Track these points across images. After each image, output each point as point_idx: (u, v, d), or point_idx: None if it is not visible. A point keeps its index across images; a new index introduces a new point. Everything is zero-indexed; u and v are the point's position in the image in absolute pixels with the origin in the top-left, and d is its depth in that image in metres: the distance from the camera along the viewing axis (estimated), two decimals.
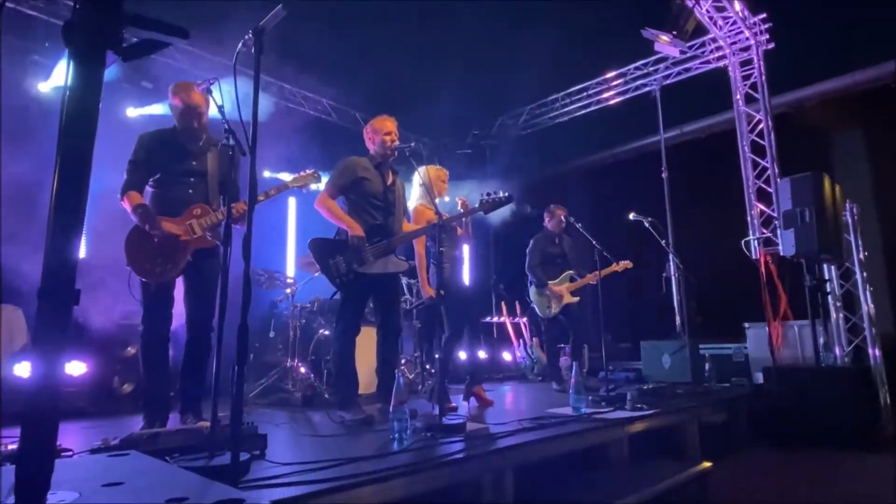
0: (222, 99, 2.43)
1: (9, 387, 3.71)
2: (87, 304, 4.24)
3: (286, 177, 3.46)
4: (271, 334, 5.31)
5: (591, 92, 7.92)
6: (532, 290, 5.35)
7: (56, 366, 0.95)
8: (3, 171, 4.02)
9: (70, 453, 2.11)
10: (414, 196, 3.96)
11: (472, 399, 3.98)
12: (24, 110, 4.82)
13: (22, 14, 4.93)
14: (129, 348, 4.39)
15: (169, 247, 2.85)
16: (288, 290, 5.12)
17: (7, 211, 4.28)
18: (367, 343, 3.76)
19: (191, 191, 2.98)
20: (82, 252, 4.57)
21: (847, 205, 5.13)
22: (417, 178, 3.75)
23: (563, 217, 5.27)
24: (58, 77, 5.04)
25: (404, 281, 4.65)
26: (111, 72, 5.08)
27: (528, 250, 5.40)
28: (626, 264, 5.31)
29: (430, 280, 3.93)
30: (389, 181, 3.45)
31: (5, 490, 1.03)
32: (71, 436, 2.90)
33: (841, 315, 5.26)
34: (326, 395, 4.30)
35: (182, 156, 3.00)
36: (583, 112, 8.11)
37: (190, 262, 2.89)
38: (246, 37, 1.92)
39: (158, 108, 5.54)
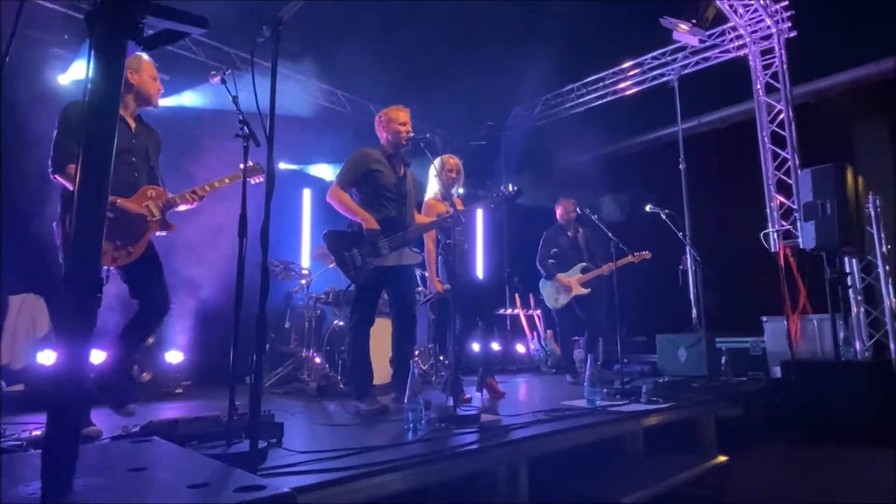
0: (236, 90, 2.43)
1: (33, 374, 3.80)
2: (105, 291, 4.29)
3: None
4: (287, 325, 5.36)
5: (607, 82, 7.83)
6: (542, 282, 5.34)
7: (81, 353, 0.97)
8: (20, 162, 4.09)
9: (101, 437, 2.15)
10: (430, 189, 3.95)
11: (485, 390, 3.99)
12: (43, 102, 4.89)
13: (41, 6, 4.98)
14: (147, 337, 4.46)
15: (129, 228, 2.65)
16: (303, 281, 5.16)
17: (24, 202, 4.35)
18: (381, 334, 3.78)
19: (136, 173, 2.79)
20: None
21: (870, 197, 5.03)
22: (433, 170, 3.74)
23: (572, 209, 5.22)
24: (77, 70, 5.10)
25: (417, 273, 4.66)
26: None
27: (539, 244, 5.38)
28: (644, 255, 5.24)
29: (438, 273, 3.93)
30: (401, 173, 3.44)
31: (33, 475, 1.06)
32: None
33: (862, 309, 5.18)
34: (341, 386, 4.33)
35: (123, 133, 2.75)
36: (599, 102, 8.02)
37: None
38: (264, 27, 1.92)
39: (169, 101, 5.58)
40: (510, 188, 3.44)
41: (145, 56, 2.84)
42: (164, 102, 5.61)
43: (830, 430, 3.91)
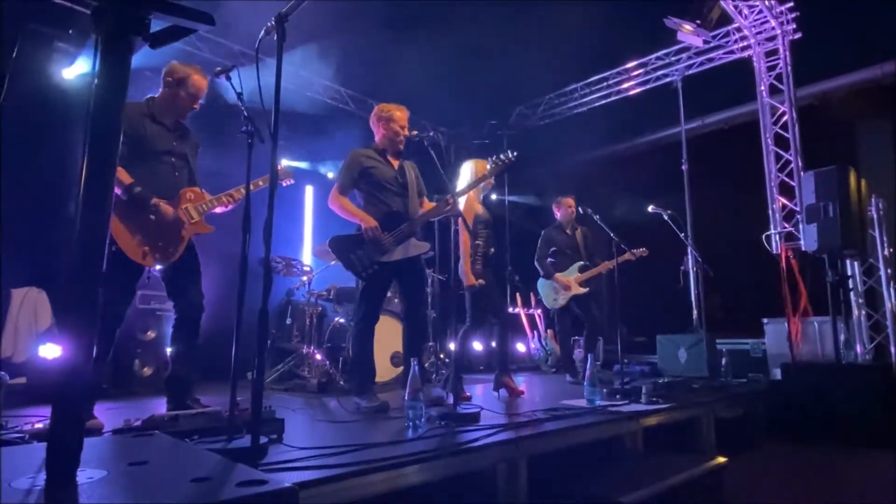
0: (241, 86, 2.43)
1: (35, 367, 3.82)
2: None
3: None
4: (288, 321, 5.37)
5: (611, 82, 7.82)
6: (540, 282, 5.33)
7: (87, 346, 0.97)
8: (24, 157, 4.11)
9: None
10: (462, 182, 3.99)
11: (503, 390, 3.98)
12: (48, 97, 4.90)
13: (46, 1, 4.98)
14: (149, 332, 4.48)
15: (168, 230, 2.74)
16: (304, 278, 5.17)
17: (28, 196, 4.36)
18: (382, 331, 3.79)
19: (177, 173, 2.86)
20: None
21: (873, 200, 5.02)
22: (466, 170, 3.87)
23: (571, 208, 5.22)
24: (82, 65, 5.10)
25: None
26: (134, 59, 5.13)
27: (538, 242, 5.38)
28: (641, 252, 5.23)
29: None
30: (398, 165, 3.45)
31: (36, 467, 1.07)
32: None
33: (863, 312, 5.18)
34: (341, 382, 4.35)
35: (163, 134, 2.86)
36: (602, 102, 8.01)
37: None
38: (268, 24, 1.93)
39: None
40: (509, 154, 3.44)
41: (199, 73, 2.94)
42: None
43: (830, 432, 3.91)
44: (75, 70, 5.11)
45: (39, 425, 2.31)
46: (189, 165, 2.95)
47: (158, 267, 2.85)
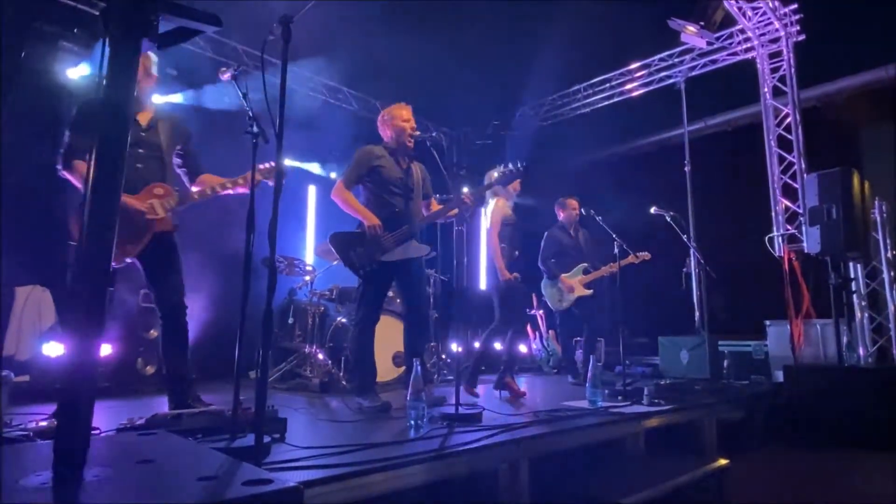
0: (247, 87, 2.43)
1: (38, 366, 3.83)
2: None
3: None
4: (290, 321, 5.38)
5: (613, 83, 7.81)
6: (544, 283, 5.33)
7: (93, 345, 0.98)
8: (30, 157, 4.12)
9: (97, 431, 2.17)
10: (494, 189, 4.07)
11: (504, 391, 3.98)
12: (52, 96, 4.90)
13: (52, 0, 4.99)
14: (151, 331, 4.49)
15: (130, 225, 2.63)
16: (307, 278, 5.18)
17: (31, 194, 4.36)
18: (384, 331, 3.80)
19: (139, 165, 2.72)
20: None
21: (876, 202, 5.01)
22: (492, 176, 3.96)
23: (575, 209, 5.23)
24: (87, 65, 5.11)
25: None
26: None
27: (542, 243, 5.38)
28: (644, 256, 5.24)
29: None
30: (406, 166, 3.45)
31: (42, 465, 1.07)
32: (96, 415, 2.96)
33: (866, 315, 5.17)
34: (343, 382, 4.35)
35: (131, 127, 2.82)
36: (605, 104, 8.00)
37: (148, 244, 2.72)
38: (274, 25, 1.93)
39: (179, 97, 5.60)
40: (518, 165, 3.46)
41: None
42: (173, 99, 5.65)
43: (833, 435, 3.91)
44: (80, 70, 5.12)
45: (44, 423, 2.32)
46: (162, 157, 2.83)
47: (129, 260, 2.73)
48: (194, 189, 2.97)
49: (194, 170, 3.04)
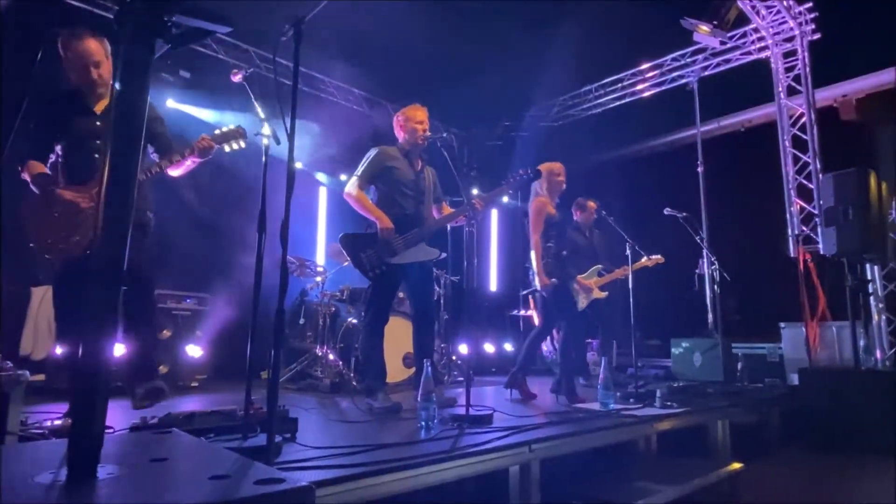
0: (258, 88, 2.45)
1: (54, 365, 3.88)
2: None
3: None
4: (301, 321, 5.40)
5: (625, 83, 7.76)
6: None
7: (107, 343, 0.99)
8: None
9: (111, 430, 2.19)
10: (534, 189, 4.05)
11: (515, 391, 3.97)
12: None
13: (62, 3, 5.05)
14: (164, 330, 4.53)
15: (71, 217, 2.53)
16: (318, 279, 5.20)
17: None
18: (395, 332, 3.80)
19: (97, 155, 2.63)
20: None
21: (893, 203, 4.93)
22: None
23: (593, 211, 5.20)
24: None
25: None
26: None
27: None
28: (657, 259, 5.20)
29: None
30: (419, 169, 3.46)
31: (57, 462, 1.08)
32: (110, 414, 2.99)
33: (883, 317, 5.09)
34: (354, 383, 4.36)
35: (85, 114, 2.65)
36: (617, 104, 7.96)
37: None
38: (286, 27, 1.94)
39: (193, 110, 5.66)
40: (528, 171, 3.45)
41: (77, 36, 2.65)
42: (189, 109, 5.69)
43: (849, 439, 3.85)
44: None
45: (59, 422, 2.35)
46: None
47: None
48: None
49: (166, 151, 2.83)
